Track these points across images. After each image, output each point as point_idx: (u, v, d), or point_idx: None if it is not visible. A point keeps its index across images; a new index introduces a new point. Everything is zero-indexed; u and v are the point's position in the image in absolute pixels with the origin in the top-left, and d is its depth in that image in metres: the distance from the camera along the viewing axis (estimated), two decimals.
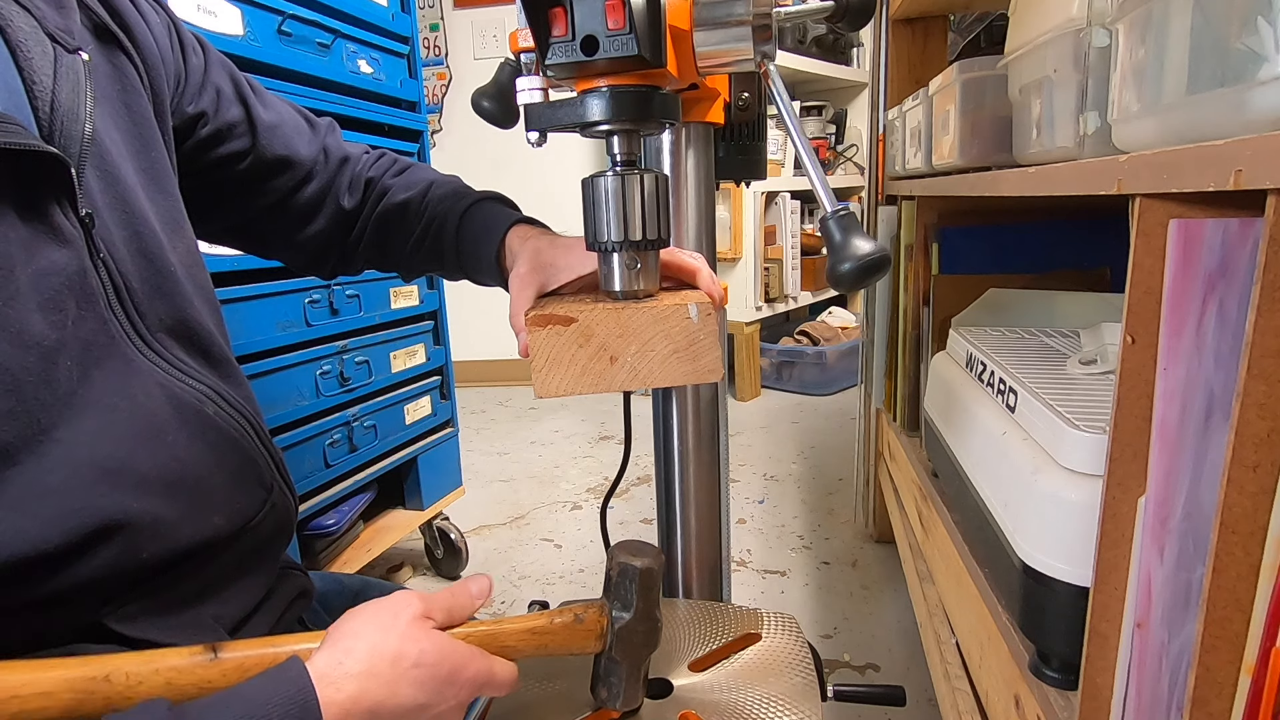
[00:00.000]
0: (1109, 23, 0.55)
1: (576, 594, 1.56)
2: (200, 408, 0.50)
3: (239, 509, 0.52)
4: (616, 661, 0.51)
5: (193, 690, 0.41)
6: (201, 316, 0.53)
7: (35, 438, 0.41)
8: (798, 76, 2.80)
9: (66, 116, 0.45)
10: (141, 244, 0.49)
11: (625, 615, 0.50)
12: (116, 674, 0.40)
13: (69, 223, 0.44)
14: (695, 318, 0.50)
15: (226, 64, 0.63)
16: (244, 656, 0.43)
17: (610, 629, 0.50)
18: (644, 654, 0.52)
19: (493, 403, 3.05)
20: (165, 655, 0.42)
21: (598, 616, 0.50)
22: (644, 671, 0.53)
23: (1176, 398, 0.44)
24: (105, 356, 0.45)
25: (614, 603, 0.51)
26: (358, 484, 1.33)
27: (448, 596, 0.47)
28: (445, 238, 0.66)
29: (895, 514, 1.38)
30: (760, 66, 0.51)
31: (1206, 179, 0.38)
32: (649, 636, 0.51)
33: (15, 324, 0.40)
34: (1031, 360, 0.81)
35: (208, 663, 0.42)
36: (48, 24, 0.46)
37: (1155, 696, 0.48)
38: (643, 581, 0.50)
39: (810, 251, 2.99)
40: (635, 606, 0.50)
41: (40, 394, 0.41)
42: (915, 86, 1.21)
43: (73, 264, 0.44)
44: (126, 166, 0.50)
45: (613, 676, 0.52)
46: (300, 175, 0.66)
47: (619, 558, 0.51)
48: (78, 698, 0.39)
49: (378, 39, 1.35)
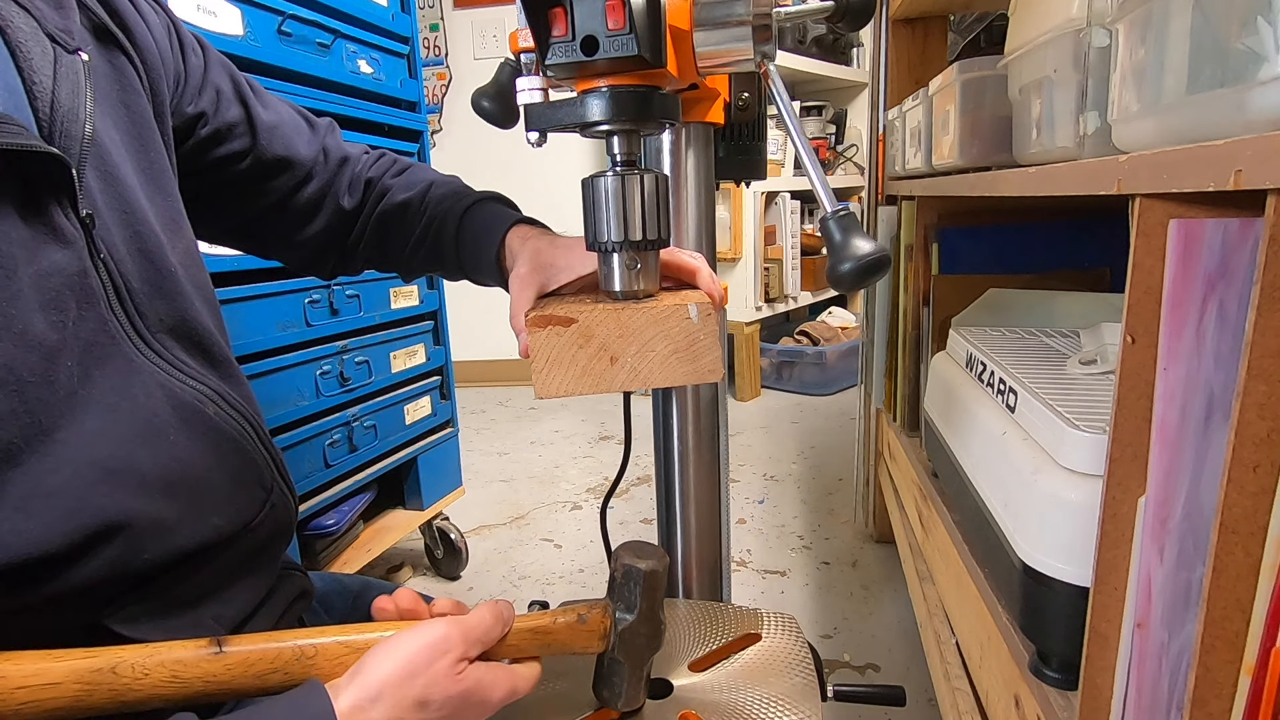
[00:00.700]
0: (1109, 23, 0.55)
1: (576, 594, 1.56)
2: (201, 408, 0.50)
3: (239, 510, 0.52)
4: (619, 662, 0.51)
5: (198, 684, 0.42)
6: (202, 317, 0.53)
7: (38, 438, 0.41)
8: (798, 76, 2.80)
9: (66, 117, 0.45)
10: (141, 244, 0.49)
11: (629, 617, 0.50)
12: (123, 666, 0.40)
13: (70, 223, 0.44)
14: (695, 318, 0.50)
15: (226, 64, 0.63)
16: (249, 651, 0.43)
17: (613, 630, 0.50)
18: (647, 655, 0.52)
19: (493, 403, 3.05)
20: (171, 648, 0.42)
21: (601, 617, 0.50)
22: (646, 672, 0.53)
23: (1176, 398, 0.44)
24: (106, 357, 0.45)
25: (617, 603, 0.51)
26: (358, 484, 1.33)
27: (486, 629, 0.46)
28: (445, 238, 0.66)
29: (895, 514, 1.38)
30: (760, 66, 0.51)
31: (1206, 179, 0.38)
32: (652, 638, 0.51)
33: (18, 324, 0.40)
34: (1031, 360, 0.81)
35: (213, 656, 0.42)
36: (47, 24, 0.46)
37: (1155, 696, 0.48)
38: (647, 583, 0.50)
39: (810, 251, 2.99)
40: (639, 608, 0.50)
41: (43, 394, 0.41)
42: (915, 86, 1.21)
43: (73, 264, 0.44)
44: (126, 167, 0.50)
45: (615, 677, 0.52)
46: (300, 176, 0.66)
47: (623, 559, 0.51)
48: (85, 689, 0.39)
49: (378, 39, 1.35)
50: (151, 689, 0.41)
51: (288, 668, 0.44)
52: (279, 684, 0.43)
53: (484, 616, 0.46)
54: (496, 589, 1.58)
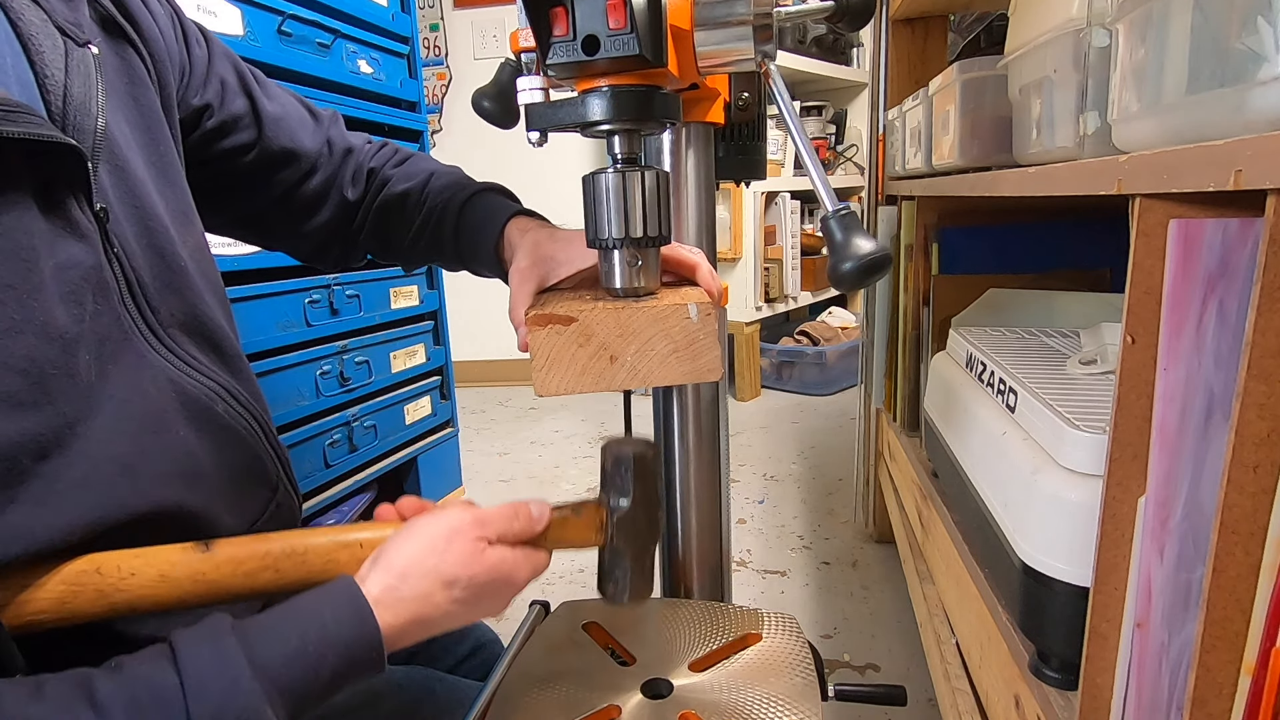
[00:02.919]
0: (1109, 23, 0.55)
1: (577, 594, 1.56)
2: (209, 405, 0.50)
3: (245, 508, 0.52)
4: (620, 552, 0.50)
5: (186, 584, 0.41)
6: (212, 311, 0.53)
7: (61, 430, 0.41)
8: (798, 76, 2.80)
9: (79, 110, 0.45)
10: (153, 239, 0.50)
11: (624, 503, 0.49)
12: (107, 565, 0.40)
13: (85, 217, 0.44)
14: (695, 317, 0.50)
15: (231, 56, 0.63)
16: (237, 549, 0.43)
17: (610, 520, 0.49)
18: (647, 542, 0.51)
19: (493, 403, 3.05)
20: (157, 550, 0.42)
21: (595, 509, 0.49)
22: (649, 563, 0.52)
23: (1176, 398, 0.44)
24: (119, 351, 0.45)
25: (611, 493, 0.50)
26: (358, 484, 1.33)
27: (506, 520, 0.46)
28: (445, 228, 0.66)
29: (895, 514, 1.38)
30: (761, 66, 0.51)
31: (1206, 179, 0.38)
32: (651, 524, 0.50)
33: (40, 316, 0.40)
34: (1031, 360, 0.81)
35: (201, 556, 0.42)
36: (57, 17, 0.46)
37: (1155, 696, 0.48)
38: (638, 467, 0.50)
39: (810, 251, 2.99)
40: (633, 494, 0.49)
41: (63, 387, 0.41)
42: (915, 86, 1.21)
43: (89, 258, 0.44)
44: (136, 160, 0.50)
45: (617, 570, 0.51)
46: (305, 168, 0.66)
47: (612, 448, 0.50)
48: (70, 589, 0.39)
49: (378, 39, 1.35)
50: (139, 589, 0.40)
51: (278, 564, 0.43)
52: (270, 582, 0.43)
53: (504, 509, 0.47)
54: None
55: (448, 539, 0.43)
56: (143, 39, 0.53)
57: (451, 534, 0.44)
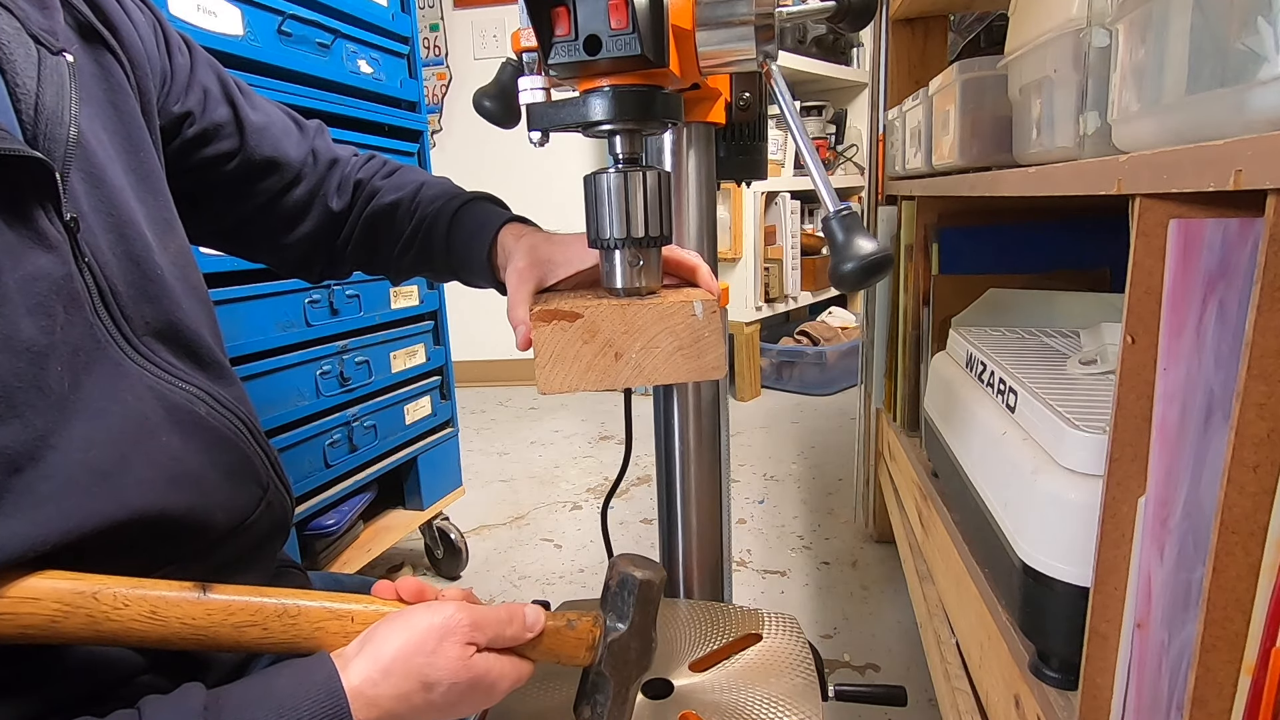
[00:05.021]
0: (1109, 23, 0.55)
1: (576, 594, 1.56)
2: (192, 408, 0.50)
3: (235, 507, 0.52)
4: (605, 677, 0.48)
5: (175, 624, 0.41)
6: (190, 319, 0.53)
7: (32, 443, 0.40)
8: (798, 76, 2.80)
9: (51, 119, 0.44)
10: (128, 247, 0.49)
11: (620, 627, 0.48)
12: (104, 593, 0.40)
13: (54, 227, 0.43)
14: (700, 314, 0.50)
15: (214, 64, 0.62)
16: (231, 601, 0.42)
17: (602, 640, 0.48)
18: (634, 673, 0.49)
19: (493, 403, 3.05)
20: (156, 585, 0.41)
21: (590, 626, 0.48)
22: (633, 694, 0.50)
23: (1176, 398, 0.44)
24: (93, 361, 0.45)
25: (609, 614, 0.48)
26: (358, 484, 1.33)
27: (500, 625, 0.45)
28: (436, 238, 0.65)
29: (895, 514, 1.38)
30: (762, 66, 0.51)
31: (1206, 179, 0.38)
32: (642, 654, 0.49)
33: (5, 329, 0.40)
34: (1031, 360, 0.81)
35: (195, 600, 0.41)
36: (31, 25, 0.46)
37: (1155, 696, 0.48)
38: (642, 594, 0.48)
39: (810, 251, 2.99)
40: (631, 620, 0.48)
41: (33, 399, 0.41)
42: (915, 86, 1.21)
43: (58, 269, 0.43)
44: (114, 168, 0.50)
45: (599, 694, 0.49)
46: (289, 177, 0.66)
47: (620, 567, 0.49)
48: (63, 609, 0.39)
49: (378, 39, 1.35)
50: (129, 621, 0.40)
51: (267, 623, 0.43)
52: (256, 639, 0.43)
53: (500, 612, 0.46)
54: (496, 589, 1.58)
55: (439, 639, 0.43)
56: (122, 45, 0.53)
57: (444, 634, 0.43)
